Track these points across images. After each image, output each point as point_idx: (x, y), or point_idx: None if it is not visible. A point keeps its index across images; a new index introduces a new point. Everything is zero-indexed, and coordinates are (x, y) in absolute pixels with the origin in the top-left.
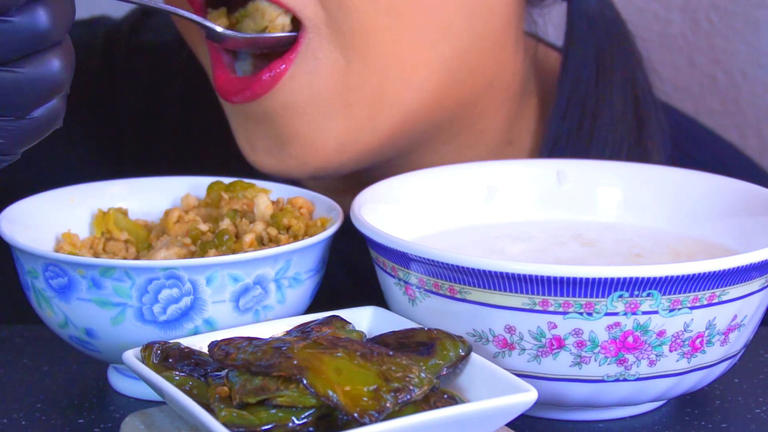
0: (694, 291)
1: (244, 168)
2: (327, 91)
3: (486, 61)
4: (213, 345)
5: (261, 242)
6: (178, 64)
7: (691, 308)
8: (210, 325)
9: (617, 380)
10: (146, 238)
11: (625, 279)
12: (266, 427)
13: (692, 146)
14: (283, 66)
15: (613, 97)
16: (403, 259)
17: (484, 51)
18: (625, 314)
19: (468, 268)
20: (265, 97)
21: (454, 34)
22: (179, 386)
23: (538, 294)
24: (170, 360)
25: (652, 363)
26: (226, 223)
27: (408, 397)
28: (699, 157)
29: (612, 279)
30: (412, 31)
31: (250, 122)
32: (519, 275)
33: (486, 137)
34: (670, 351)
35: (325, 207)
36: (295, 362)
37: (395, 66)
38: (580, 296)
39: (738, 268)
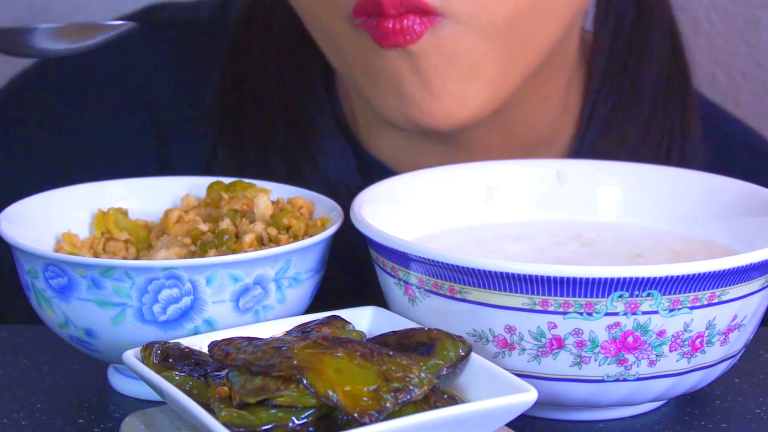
0: (694, 291)
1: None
2: (465, 64)
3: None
4: (213, 345)
5: (261, 242)
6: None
7: (691, 308)
8: (210, 325)
9: (617, 380)
10: (146, 238)
11: (625, 279)
12: (266, 427)
13: (721, 121)
14: (420, 28)
15: (655, 35)
16: (403, 259)
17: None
18: (625, 314)
19: (468, 268)
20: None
21: (580, 10)
22: (179, 386)
23: (538, 294)
24: (170, 360)
25: (652, 363)
26: (226, 223)
27: (408, 397)
28: (728, 130)
29: (612, 279)
30: (560, 14)
31: (404, 76)
32: (519, 275)
33: (548, 103)
34: (670, 351)
35: (325, 207)
36: (295, 362)
37: (531, 44)
38: (580, 296)
39: (738, 268)
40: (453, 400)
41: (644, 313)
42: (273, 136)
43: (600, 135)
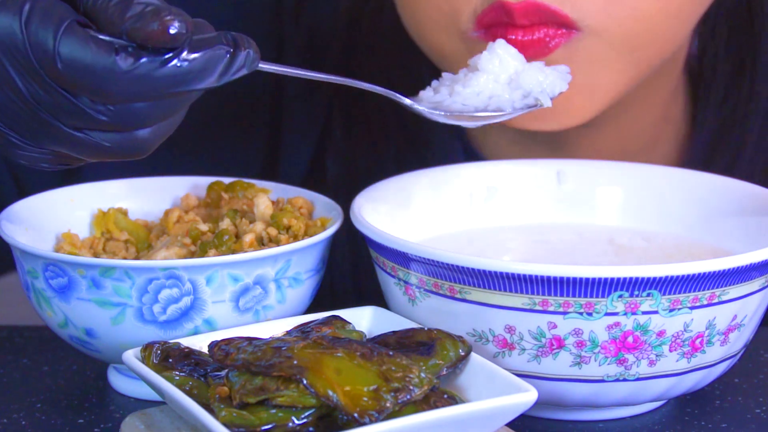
0: (694, 291)
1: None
2: (593, 76)
3: None
4: (213, 345)
5: (261, 242)
6: None
7: (691, 308)
8: (210, 325)
9: (617, 380)
10: (146, 238)
11: (625, 279)
12: (266, 427)
13: None
14: (556, 41)
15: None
16: (403, 259)
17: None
18: (625, 314)
19: (468, 268)
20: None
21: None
22: (179, 386)
23: (538, 294)
24: (170, 360)
25: (652, 363)
26: (226, 223)
27: (408, 397)
28: None
29: (612, 279)
30: (684, 25)
31: None
32: (519, 275)
33: (651, 111)
34: (670, 351)
35: (325, 207)
36: (295, 362)
37: (657, 55)
38: (580, 296)
39: (738, 268)
40: (453, 400)
41: (644, 313)
42: (384, 136)
43: (712, 146)
